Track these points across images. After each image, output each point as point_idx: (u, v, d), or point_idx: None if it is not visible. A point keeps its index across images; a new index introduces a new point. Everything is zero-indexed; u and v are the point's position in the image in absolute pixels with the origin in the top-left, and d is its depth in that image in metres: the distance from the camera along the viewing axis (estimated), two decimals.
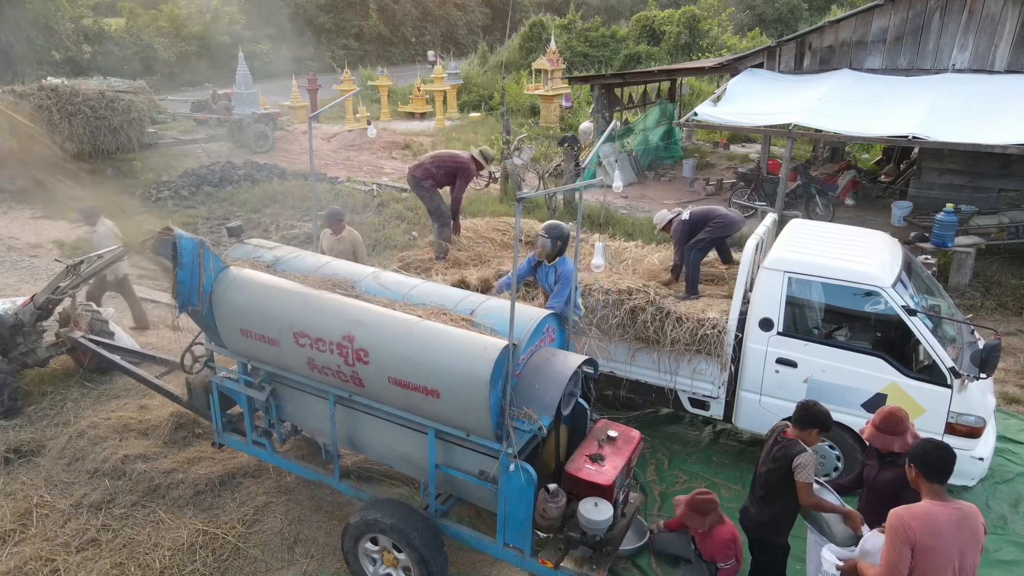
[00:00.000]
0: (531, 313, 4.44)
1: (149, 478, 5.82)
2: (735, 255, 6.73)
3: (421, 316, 4.34)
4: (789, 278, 5.43)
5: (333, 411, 4.74)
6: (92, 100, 15.47)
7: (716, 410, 5.98)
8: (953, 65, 11.38)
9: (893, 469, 3.85)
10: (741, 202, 12.77)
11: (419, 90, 24.24)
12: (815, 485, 3.98)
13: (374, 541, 4.62)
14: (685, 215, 6.35)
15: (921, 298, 5.51)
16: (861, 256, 5.47)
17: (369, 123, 19.76)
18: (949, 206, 9.43)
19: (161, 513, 5.49)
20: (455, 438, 4.31)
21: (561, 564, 4.21)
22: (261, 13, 38.58)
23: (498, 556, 4.51)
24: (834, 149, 15.19)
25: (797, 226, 6.25)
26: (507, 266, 6.63)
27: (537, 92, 22.08)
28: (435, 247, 7.08)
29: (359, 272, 4.95)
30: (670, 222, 6.47)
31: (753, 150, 18.43)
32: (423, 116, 24.05)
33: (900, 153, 14.85)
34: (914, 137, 9.53)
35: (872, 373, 5.21)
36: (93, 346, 6.66)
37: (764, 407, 5.67)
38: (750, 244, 5.74)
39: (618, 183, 5.78)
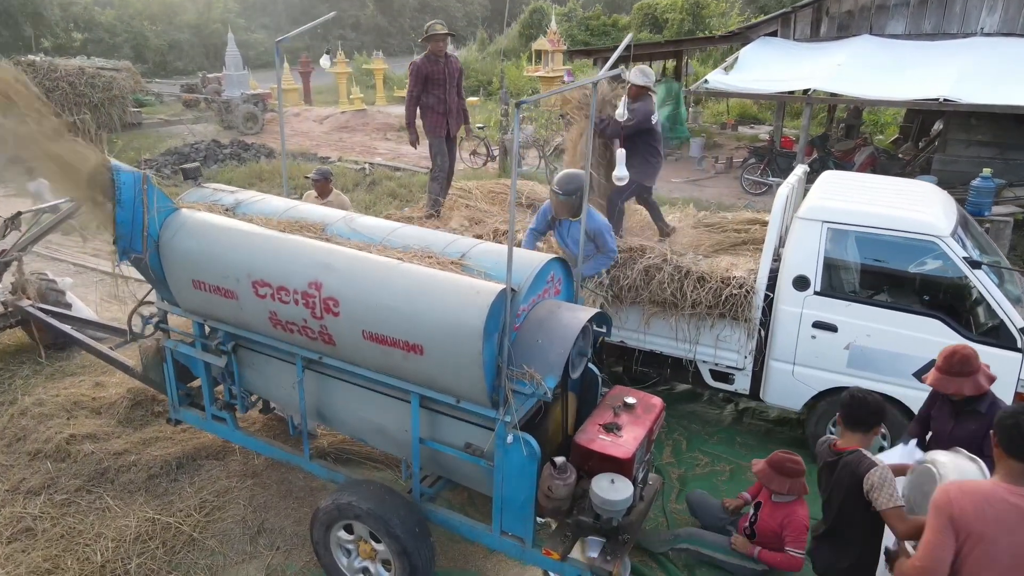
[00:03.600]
0: (532, 257, 3.74)
1: (97, 460, 5.12)
2: (761, 214, 6.05)
3: (402, 259, 3.64)
4: (828, 229, 4.72)
5: (301, 377, 4.03)
6: (71, 76, 14.79)
7: (741, 383, 5.27)
8: (982, 29, 10.68)
9: (974, 419, 3.19)
10: (753, 178, 12.08)
11: None
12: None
13: (348, 529, 3.91)
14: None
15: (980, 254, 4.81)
16: (912, 203, 4.77)
17: (327, 51, 18.26)
18: (986, 171, 8.70)
19: (108, 499, 4.79)
20: (443, 406, 3.62)
21: (569, 555, 3.52)
22: (256, 2, 37.91)
23: (494, 547, 3.81)
24: (849, 127, 14.49)
25: (832, 176, 5.55)
26: (505, 226, 5.94)
27: (537, 74, 21.38)
28: (429, 190, 6.44)
29: (331, 215, 4.25)
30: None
31: (762, 131, 17.74)
32: None
33: (919, 131, 14.14)
34: (945, 100, 8.83)
35: (927, 337, 4.50)
36: (40, 314, 5.95)
37: (798, 379, 4.98)
38: (781, 192, 5.04)
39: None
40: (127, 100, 15.90)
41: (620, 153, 4.65)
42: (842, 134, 14.64)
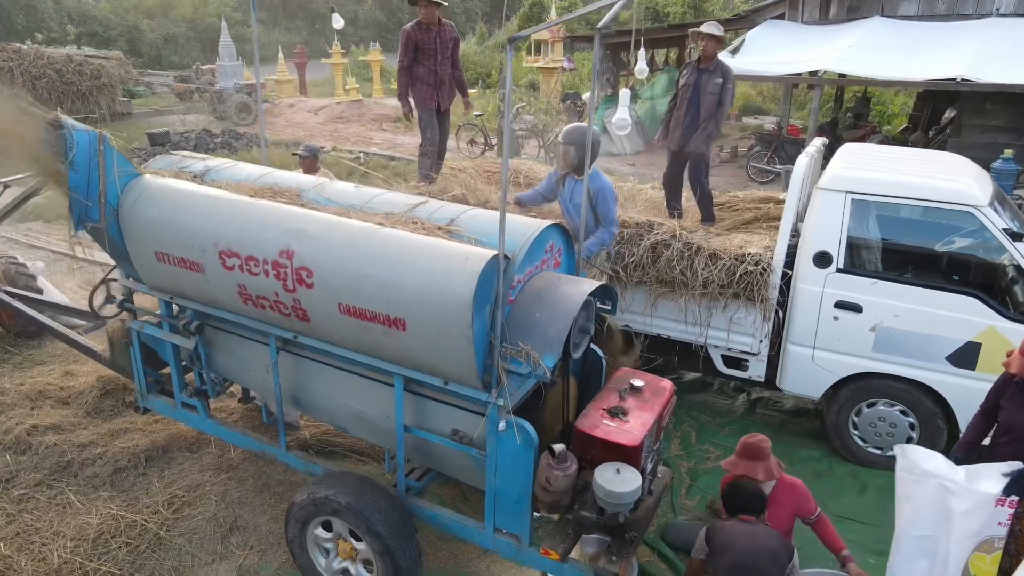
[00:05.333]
0: (529, 223, 3.36)
1: (60, 452, 4.74)
2: (774, 193, 5.67)
3: (382, 224, 3.26)
4: (852, 200, 4.34)
5: (275, 358, 3.66)
6: (59, 63, 14.40)
7: (756, 370, 4.89)
8: (997, 9, 10.30)
9: None
10: (760, 166, 11.70)
11: None
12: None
13: (327, 526, 3.54)
14: None
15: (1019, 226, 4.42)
16: (943, 172, 4.39)
17: (332, 9, 15.32)
18: (1007, 152, 8.33)
19: (70, 495, 4.41)
20: (429, 389, 3.24)
21: (570, 556, 3.14)
22: None
23: (487, 546, 3.43)
24: (857, 114, 14.12)
25: (854, 147, 5.18)
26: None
27: (536, 65, 20.97)
28: (419, 165, 6.09)
29: (308, 181, 3.88)
30: None
31: (766, 121, 17.36)
32: None
33: (929, 119, 13.76)
34: (963, 80, 8.44)
35: (962, 316, 4.13)
36: (7, 298, 5.57)
37: (818, 364, 4.60)
38: (800, 162, 4.67)
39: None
40: (116, 89, 15.50)
41: (624, 93, 4.30)
42: (850, 122, 14.27)
